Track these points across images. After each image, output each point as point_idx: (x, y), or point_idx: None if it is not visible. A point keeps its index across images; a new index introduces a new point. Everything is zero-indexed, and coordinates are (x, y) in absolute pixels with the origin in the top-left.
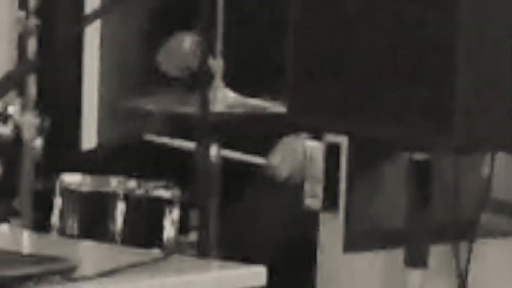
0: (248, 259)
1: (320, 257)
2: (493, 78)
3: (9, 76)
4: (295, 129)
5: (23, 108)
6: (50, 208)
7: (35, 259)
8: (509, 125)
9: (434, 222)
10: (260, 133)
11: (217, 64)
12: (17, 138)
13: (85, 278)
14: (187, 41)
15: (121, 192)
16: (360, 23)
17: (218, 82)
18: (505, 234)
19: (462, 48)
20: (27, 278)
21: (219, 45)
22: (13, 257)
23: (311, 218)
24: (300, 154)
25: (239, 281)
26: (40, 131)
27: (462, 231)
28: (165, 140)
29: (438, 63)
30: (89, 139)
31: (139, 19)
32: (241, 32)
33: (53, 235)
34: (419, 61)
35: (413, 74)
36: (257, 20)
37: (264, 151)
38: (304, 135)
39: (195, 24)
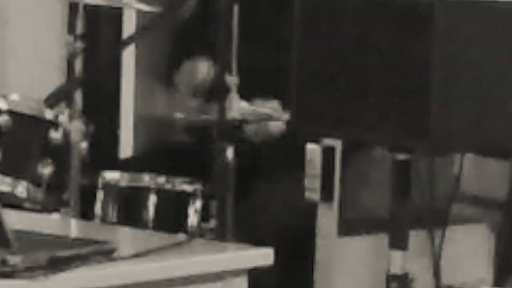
0: (258, 242)
1: (318, 240)
2: (460, 94)
3: (59, 91)
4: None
5: (71, 116)
6: (94, 200)
7: (81, 242)
8: (474, 131)
9: (413, 211)
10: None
11: (232, 80)
12: (66, 142)
13: (122, 258)
14: (202, 66)
15: (152, 187)
16: (351, 48)
17: (234, 94)
18: (471, 221)
19: (435, 70)
20: (75, 258)
21: (234, 64)
22: (63, 241)
23: (311, 208)
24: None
25: (250, 261)
26: (85, 135)
27: (436, 219)
28: (188, 142)
29: (416, 82)
30: (126, 142)
31: (165, 43)
32: (252, 53)
33: (96, 223)
34: (400, 80)
35: (395, 90)
36: (266, 43)
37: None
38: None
39: (214, 47)
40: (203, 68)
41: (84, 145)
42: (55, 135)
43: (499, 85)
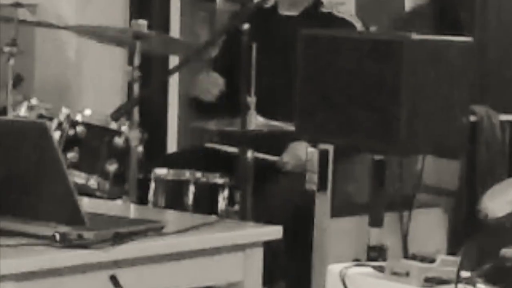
0: (270, 222)
1: (316, 220)
2: (422, 110)
3: (122, 108)
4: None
5: (130, 127)
6: (147, 189)
7: (138, 221)
8: (432, 138)
9: (387, 198)
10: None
11: (251, 100)
12: (127, 146)
13: (169, 233)
14: (214, 74)
15: (191, 180)
16: (340, 75)
17: (252, 111)
18: (431, 206)
19: (403, 92)
20: (133, 233)
21: (253, 88)
22: (124, 220)
23: (310, 196)
24: (303, 154)
25: (265, 235)
26: (141, 141)
27: (404, 204)
28: (219, 147)
29: (389, 101)
30: (171, 146)
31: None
32: (266, 80)
33: (149, 207)
34: (377, 99)
35: (373, 107)
36: (277, 72)
37: (278, 153)
38: (305, 142)
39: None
40: (215, 76)
41: (140, 148)
42: (119, 141)
43: (450, 103)
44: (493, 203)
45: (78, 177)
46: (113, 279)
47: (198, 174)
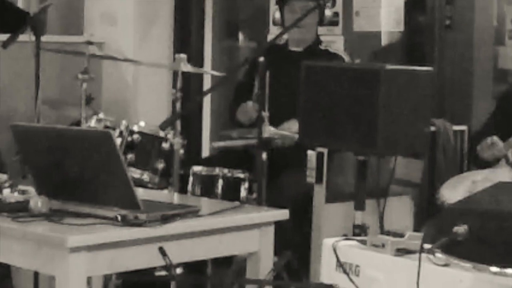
0: (280, 207)
1: (314, 205)
2: (394, 122)
3: (167, 120)
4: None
5: (174, 135)
6: (187, 182)
7: (180, 206)
8: (402, 143)
9: (368, 189)
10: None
11: (265, 114)
12: (172, 149)
13: (203, 215)
14: (250, 104)
15: (220, 175)
16: (331, 95)
17: (266, 122)
18: (401, 195)
19: (380, 108)
20: (176, 215)
21: (266, 106)
22: (169, 205)
23: (310, 187)
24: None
25: (275, 217)
26: (182, 146)
27: (381, 193)
28: (241, 150)
29: (369, 115)
30: (205, 149)
31: (229, 94)
32: (276, 99)
33: (188, 195)
34: (360, 114)
35: (357, 119)
36: (285, 92)
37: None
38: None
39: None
40: (252, 108)
41: (181, 151)
42: (165, 145)
43: (416, 117)
44: (448, 192)
45: (134, 173)
46: (161, 250)
47: (225, 171)
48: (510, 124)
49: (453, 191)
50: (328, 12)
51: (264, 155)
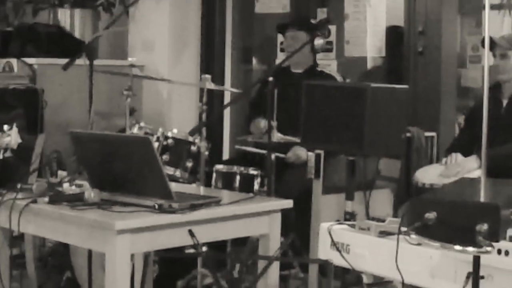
0: (286, 197)
1: (313, 196)
2: (378, 129)
3: (195, 128)
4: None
5: (201, 140)
6: (211, 177)
7: (205, 196)
8: (384, 146)
9: (356, 183)
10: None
11: (274, 123)
12: (198, 151)
13: (224, 204)
14: (262, 122)
15: (237, 172)
16: (329, 108)
17: (274, 130)
18: (383, 188)
19: (366, 118)
20: (202, 204)
21: (275, 116)
22: (197, 196)
23: (310, 181)
24: (301, 153)
25: (282, 205)
26: (207, 148)
27: (367, 186)
28: (255, 151)
29: (358, 123)
30: (225, 151)
31: (245, 107)
32: (283, 111)
33: (212, 189)
34: (350, 122)
35: (348, 126)
36: (289, 106)
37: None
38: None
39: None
40: (264, 123)
41: (206, 153)
42: (193, 148)
43: (395, 125)
44: (422, 174)
45: (168, 170)
46: (190, 232)
47: (241, 168)
48: (477, 136)
49: (425, 174)
50: (319, 41)
51: (273, 156)
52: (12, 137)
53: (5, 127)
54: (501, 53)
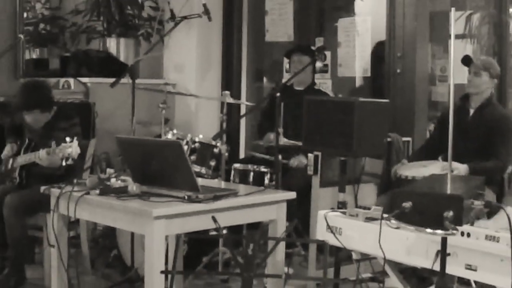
0: (290, 190)
1: (312, 189)
2: (364, 135)
3: (217, 134)
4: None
5: (222, 143)
6: (230, 174)
7: (225, 189)
8: (370, 148)
9: (347, 178)
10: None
11: (280, 130)
12: (220, 153)
13: (241, 195)
14: (271, 135)
15: (251, 169)
16: (325, 119)
17: (281, 136)
18: (368, 182)
19: (355, 126)
20: (222, 195)
21: (281, 124)
22: (218, 189)
23: (310, 177)
24: (302, 160)
25: (287, 196)
26: (227, 150)
27: (355, 181)
28: (265, 155)
29: (347, 131)
30: (241, 153)
31: (257, 117)
32: (288, 121)
33: (231, 183)
34: (342, 130)
35: (341, 133)
36: (293, 116)
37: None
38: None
39: (275, 120)
40: (273, 136)
41: (226, 154)
42: (216, 150)
43: (378, 131)
44: (402, 169)
45: (195, 168)
46: (213, 218)
47: (254, 166)
48: (445, 138)
49: (406, 170)
50: (319, 64)
51: (279, 157)
52: (73, 148)
53: (67, 139)
54: (475, 71)
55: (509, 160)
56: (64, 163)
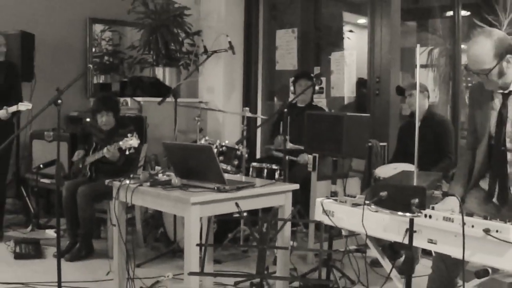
0: (294, 182)
1: (311, 182)
2: (351, 140)
3: (239, 140)
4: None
5: (243, 147)
6: (249, 171)
7: (245, 182)
8: (355, 150)
9: (338, 174)
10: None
11: (287, 137)
12: (241, 155)
13: (257, 186)
14: (280, 140)
15: (265, 167)
16: (322, 128)
17: (288, 141)
18: (354, 177)
19: (344, 133)
20: (243, 186)
21: (288, 133)
22: (240, 182)
23: (309, 173)
24: (307, 158)
25: (292, 187)
26: (247, 152)
27: (344, 176)
28: (275, 155)
29: (338, 137)
30: (258, 154)
31: (269, 127)
32: (293, 130)
33: (250, 177)
34: (334, 137)
35: (333, 139)
36: (297, 127)
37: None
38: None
39: (283, 129)
40: (281, 139)
41: (246, 155)
42: (238, 152)
43: (362, 138)
44: (381, 171)
45: (223, 166)
46: (236, 204)
47: (268, 165)
48: (404, 147)
49: (385, 170)
50: (317, 87)
51: (287, 157)
52: (134, 140)
53: (129, 135)
54: (408, 94)
55: (456, 155)
56: (127, 152)
